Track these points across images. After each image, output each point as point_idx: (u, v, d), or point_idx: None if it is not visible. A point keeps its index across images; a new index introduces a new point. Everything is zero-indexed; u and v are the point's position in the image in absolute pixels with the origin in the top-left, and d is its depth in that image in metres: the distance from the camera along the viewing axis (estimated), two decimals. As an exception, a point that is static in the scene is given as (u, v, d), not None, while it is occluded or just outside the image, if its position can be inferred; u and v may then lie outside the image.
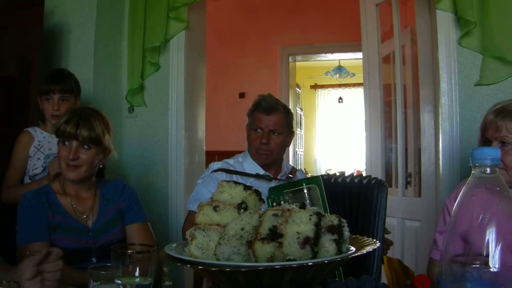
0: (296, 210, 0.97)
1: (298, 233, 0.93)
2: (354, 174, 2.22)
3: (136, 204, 2.42)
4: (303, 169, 9.34)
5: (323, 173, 10.03)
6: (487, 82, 2.97)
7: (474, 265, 0.85)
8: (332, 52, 7.31)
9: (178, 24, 3.38)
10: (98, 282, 1.37)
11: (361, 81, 4.47)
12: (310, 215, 0.95)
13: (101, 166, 2.36)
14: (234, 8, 7.11)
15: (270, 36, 6.96)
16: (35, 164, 2.87)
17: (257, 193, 1.12)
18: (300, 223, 0.93)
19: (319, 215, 0.96)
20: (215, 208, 1.05)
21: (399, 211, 3.78)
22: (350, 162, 9.95)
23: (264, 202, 1.14)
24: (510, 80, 2.94)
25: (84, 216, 2.27)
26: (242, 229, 0.97)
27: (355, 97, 9.74)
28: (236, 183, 1.11)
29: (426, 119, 3.36)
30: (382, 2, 4.04)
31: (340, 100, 10.35)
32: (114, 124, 2.40)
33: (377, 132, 4.09)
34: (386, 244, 2.43)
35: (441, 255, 0.92)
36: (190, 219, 2.56)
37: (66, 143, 2.22)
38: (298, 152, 8.71)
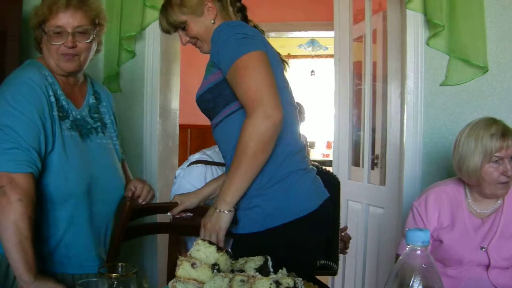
0: (259, 278, 1.19)
1: (260, 299, 1.16)
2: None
3: None
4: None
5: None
6: (452, 82, 3.11)
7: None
8: (305, 30, 7.32)
9: (154, 12, 3.38)
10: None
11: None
12: (270, 284, 1.16)
13: None
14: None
15: (243, 13, 6.89)
16: None
17: (228, 253, 1.31)
18: (261, 290, 1.17)
19: (277, 283, 1.17)
20: (192, 265, 1.24)
21: (363, 196, 3.94)
22: (321, 133, 10.05)
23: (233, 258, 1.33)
24: (473, 81, 3.09)
25: None
26: (215, 291, 1.19)
27: (328, 69, 9.77)
28: (210, 243, 1.27)
29: (393, 113, 3.48)
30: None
31: (312, 73, 10.40)
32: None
33: (345, 117, 4.21)
34: (345, 241, 2.60)
35: None
36: None
37: None
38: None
